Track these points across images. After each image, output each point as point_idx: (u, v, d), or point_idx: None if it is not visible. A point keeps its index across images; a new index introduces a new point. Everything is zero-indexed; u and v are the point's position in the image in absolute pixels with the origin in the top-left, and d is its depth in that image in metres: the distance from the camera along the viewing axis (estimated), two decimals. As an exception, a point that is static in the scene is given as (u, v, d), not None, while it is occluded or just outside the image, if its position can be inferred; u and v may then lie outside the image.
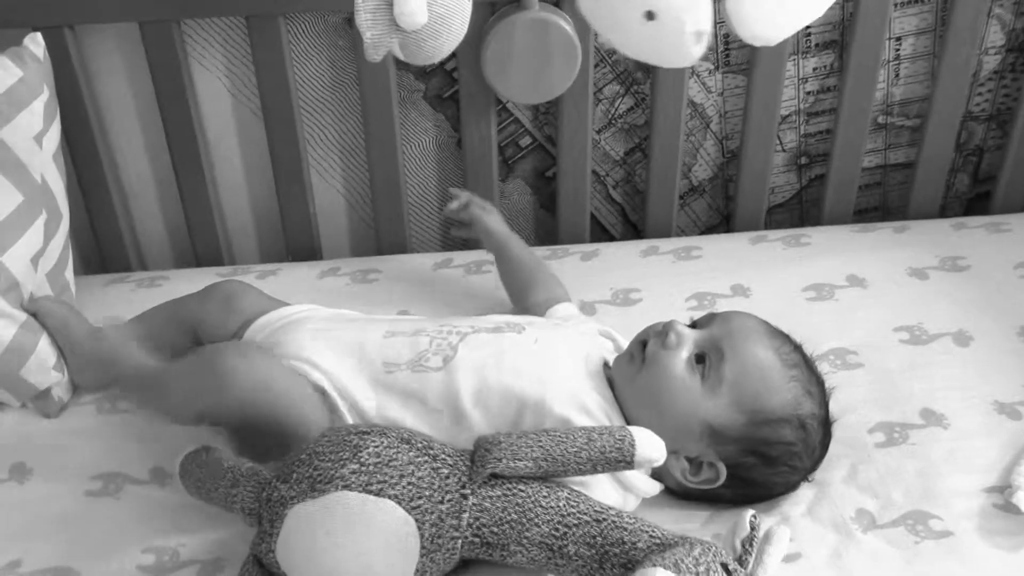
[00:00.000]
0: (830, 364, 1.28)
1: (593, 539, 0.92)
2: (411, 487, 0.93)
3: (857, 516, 1.09)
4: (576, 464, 0.96)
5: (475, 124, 1.50)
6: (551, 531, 0.93)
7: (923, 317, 1.36)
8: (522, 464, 0.95)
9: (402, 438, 0.98)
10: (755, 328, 1.11)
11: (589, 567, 0.92)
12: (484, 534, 0.94)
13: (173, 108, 1.46)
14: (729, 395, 1.05)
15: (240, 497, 0.98)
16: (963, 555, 1.05)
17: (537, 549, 0.93)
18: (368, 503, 0.92)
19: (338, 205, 1.62)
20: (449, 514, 0.94)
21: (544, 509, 0.94)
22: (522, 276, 1.36)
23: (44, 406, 1.24)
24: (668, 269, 1.49)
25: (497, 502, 0.94)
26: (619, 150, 1.61)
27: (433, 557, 0.94)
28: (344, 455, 0.95)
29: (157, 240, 1.62)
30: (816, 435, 1.08)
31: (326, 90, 1.52)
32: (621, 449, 0.96)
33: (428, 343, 1.12)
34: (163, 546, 1.07)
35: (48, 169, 1.26)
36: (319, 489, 0.94)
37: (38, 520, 1.10)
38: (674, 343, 1.08)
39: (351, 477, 0.93)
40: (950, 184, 1.67)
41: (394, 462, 0.95)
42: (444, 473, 0.95)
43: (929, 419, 1.20)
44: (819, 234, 1.56)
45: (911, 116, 1.61)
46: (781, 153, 1.62)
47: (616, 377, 1.12)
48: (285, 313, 1.24)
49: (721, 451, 1.06)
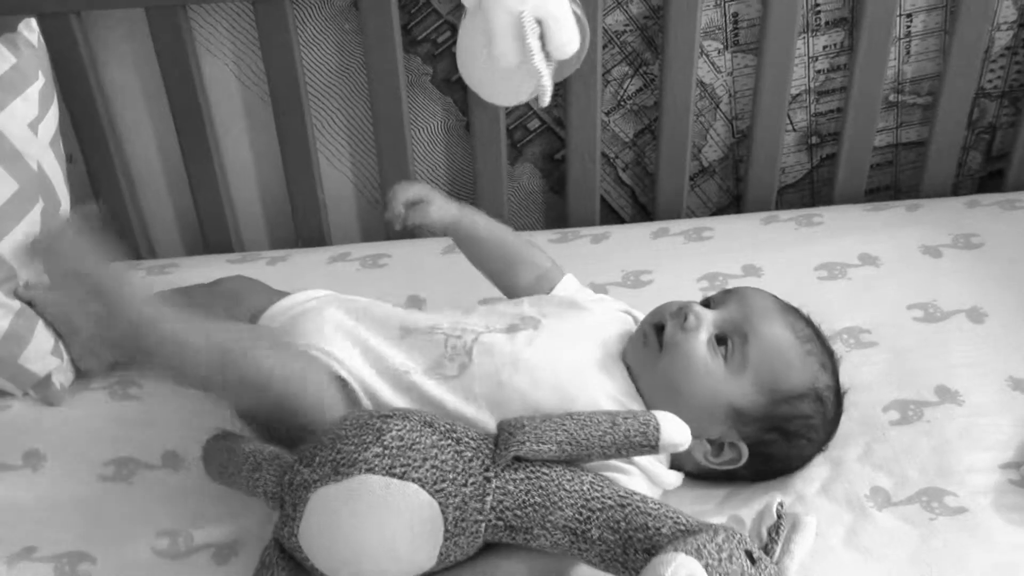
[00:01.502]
0: (843, 343, 1.27)
1: (617, 524, 0.91)
2: (434, 470, 0.93)
3: (872, 494, 1.09)
4: (600, 448, 0.95)
5: (483, 107, 1.50)
6: (575, 515, 0.92)
7: (937, 295, 1.35)
8: (546, 447, 0.94)
9: (424, 421, 0.97)
10: (771, 306, 1.10)
11: (612, 552, 0.91)
12: (507, 517, 0.93)
13: (180, 95, 1.46)
14: (752, 376, 1.05)
15: (262, 481, 0.98)
16: (979, 531, 1.04)
17: (560, 533, 0.93)
18: (392, 486, 0.92)
19: (347, 190, 1.61)
20: (472, 497, 0.93)
21: (568, 493, 0.93)
22: (496, 255, 1.26)
23: (46, 394, 1.23)
24: (679, 250, 1.48)
25: (521, 485, 0.94)
26: (628, 132, 1.60)
27: (457, 541, 0.93)
28: (367, 438, 0.94)
29: (166, 227, 1.62)
30: (831, 406, 1.08)
31: (333, 75, 1.52)
32: (646, 433, 0.95)
33: (444, 342, 1.09)
34: (177, 530, 1.07)
35: (45, 157, 1.25)
36: (342, 472, 0.93)
37: (53, 506, 1.10)
38: (694, 325, 1.07)
39: (374, 460, 0.93)
40: (962, 162, 1.66)
41: (417, 445, 0.94)
42: (467, 456, 0.95)
43: (944, 396, 1.20)
44: (831, 213, 1.55)
45: (923, 94, 1.60)
46: (792, 133, 1.61)
47: (632, 363, 1.10)
48: (297, 300, 1.22)
49: (743, 431, 1.05)
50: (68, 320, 1.25)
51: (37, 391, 1.23)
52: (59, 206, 1.29)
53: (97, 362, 1.26)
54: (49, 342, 1.23)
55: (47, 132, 1.27)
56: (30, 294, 1.23)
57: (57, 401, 1.24)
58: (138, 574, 1.03)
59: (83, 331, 1.25)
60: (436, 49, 1.51)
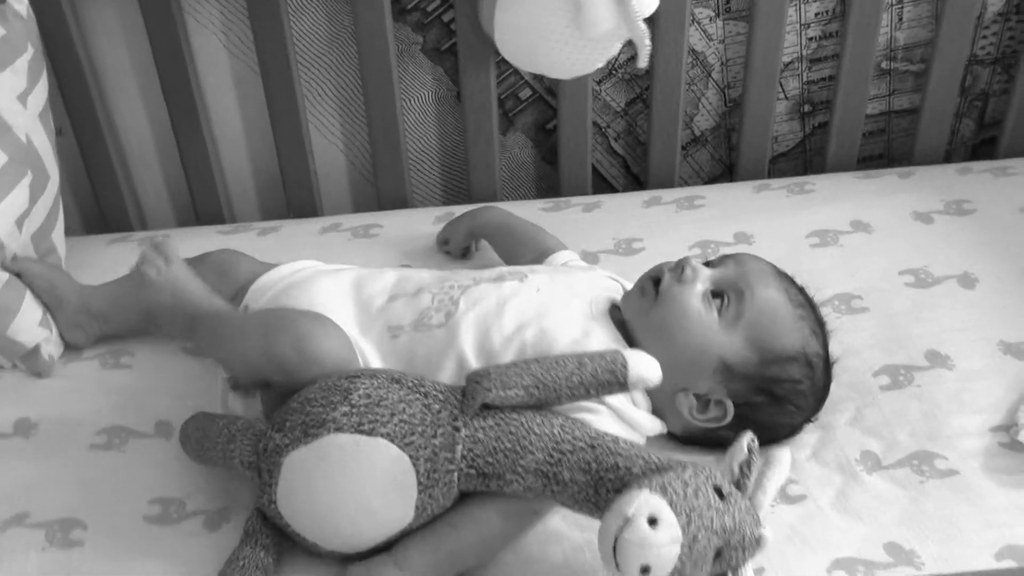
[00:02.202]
0: (835, 309, 1.27)
1: (588, 464, 0.91)
2: (403, 424, 0.93)
3: (862, 458, 1.09)
4: (568, 389, 0.95)
5: (474, 76, 1.49)
6: (545, 458, 0.92)
7: (928, 260, 1.35)
8: (512, 392, 0.94)
9: (392, 378, 0.98)
10: (767, 270, 1.12)
11: (584, 492, 0.91)
12: (479, 465, 0.94)
13: (170, 66, 1.45)
14: (744, 332, 1.06)
15: (238, 451, 0.98)
16: (969, 493, 1.05)
17: (533, 476, 0.93)
18: (360, 443, 0.93)
19: (338, 161, 1.61)
20: (443, 448, 0.94)
21: (538, 436, 0.93)
22: (512, 242, 1.35)
23: (34, 365, 1.23)
24: (671, 218, 1.48)
25: (490, 432, 0.94)
26: (620, 101, 1.59)
27: (431, 492, 0.94)
28: (335, 398, 0.95)
29: (157, 199, 1.62)
30: (820, 374, 1.09)
31: (323, 45, 1.51)
32: (613, 371, 0.95)
33: (430, 300, 1.11)
34: (169, 497, 1.07)
35: (34, 129, 1.24)
36: (312, 434, 0.94)
37: (44, 474, 1.11)
38: (690, 277, 1.08)
39: (342, 419, 0.93)
40: (955, 130, 1.65)
41: (384, 401, 0.95)
42: (435, 408, 0.95)
43: (934, 361, 1.20)
44: (823, 181, 1.54)
45: (915, 61, 1.59)
46: (784, 101, 1.60)
47: (626, 312, 1.11)
48: (284, 273, 1.23)
49: (731, 388, 1.06)
50: (54, 292, 1.25)
51: (25, 362, 1.23)
52: (48, 179, 1.28)
53: (83, 335, 1.26)
54: (37, 314, 1.23)
55: (36, 104, 1.26)
56: (18, 266, 1.22)
57: (46, 372, 1.23)
58: (129, 541, 1.03)
59: (69, 304, 1.25)
60: (426, 18, 1.50)
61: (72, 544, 1.03)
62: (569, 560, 0.99)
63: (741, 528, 0.86)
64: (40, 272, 1.24)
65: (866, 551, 0.99)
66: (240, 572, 0.94)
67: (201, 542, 1.02)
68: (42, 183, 1.26)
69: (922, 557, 0.99)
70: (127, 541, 1.03)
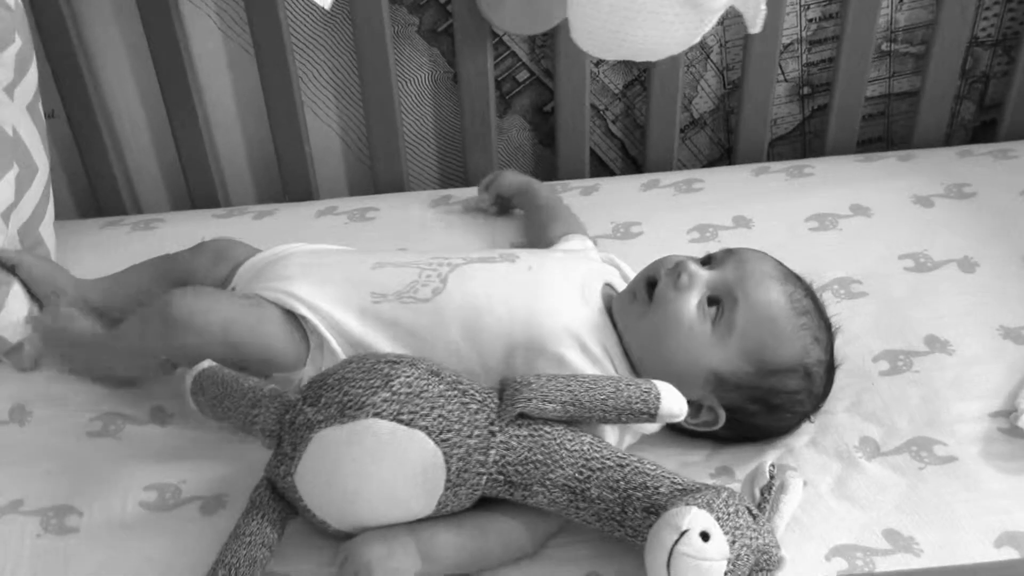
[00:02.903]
0: (834, 294, 1.27)
1: (616, 483, 0.93)
2: (441, 419, 0.93)
3: (861, 444, 1.09)
4: (602, 411, 0.96)
5: (471, 58, 1.48)
6: (575, 474, 0.94)
7: (928, 244, 1.34)
8: (551, 406, 0.95)
9: (431, 370, 0.97)
10: (769, 272, 1.07)
11: (611, 510, 0.93)
12: (508, 472, 0.94)
13: (163, 48, 1.43)
14: (738, 344, 1.03)
15: (261, 418, 0.97)
16: (968, 479, 1.04)
17: (559, 491, 0.94)
18: (399, 432, 0.92)
19: (334, 144, 1.60)
20: (477, 449, 0.94)
21: (569, 452, 0.94)
22: (545, 216, 1.36)
23: (17, 360, 1.21)
24: (669, 202, 1.47)
25: (524, 441, 0.95)
26: (618, 83, 1.58)
27: (457, 491, 0.94)
28: (375, 383, 0.94)
29: (152, 183, 1.61)
30: (820, 382, 1.07)
31: (318, 25, 1.49)
32: (647, 401, 0.97)
33: (418, 274, 1.10)
34: (165, 483, 1.07)
35: (21, 121, 1.22)
36: (349, 415, 0.93)
37: (39, 460, 1.10)
38: (686, 284, 1.05)
39: (382, 405, 0.93)
40: (955, 112, 1.64)
41: (425, 393, 0.94)
42: (473, 408, 0.95)
43: (934, 346, 1.19)
44: (822, 165, 1.53)
45: (915, 43, 1.58)
46: (783, 83, 1.59)
47: (617, 315, 1.09)
48: (271, 252, 1.22)
49: (723, 397, 1.04)
50: (50, 284, 1.23)
51: (9, 358, 1.21)
52: (36, 171, 1.25)
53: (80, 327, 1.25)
54: (23, 310, 1.21)
55: (24, 96, 1.24)
56: (15, 258, 1.21)
57: (29, 367, 1.21)
58: (125, 527, 1.02)
59: (65, 295, 1.23)
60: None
61: (67, 531, 1.02)
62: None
63: (770, 550, 0.89)
64: (36, 265, 1.23)
65: (865, 538, 0.99)
66: (246, 548, 0.94)
67: (197, 527, 1.02)
68: (29, 176, 1.24)
69: (921, 544, 0.98)
70: (123, 527, 1.02)
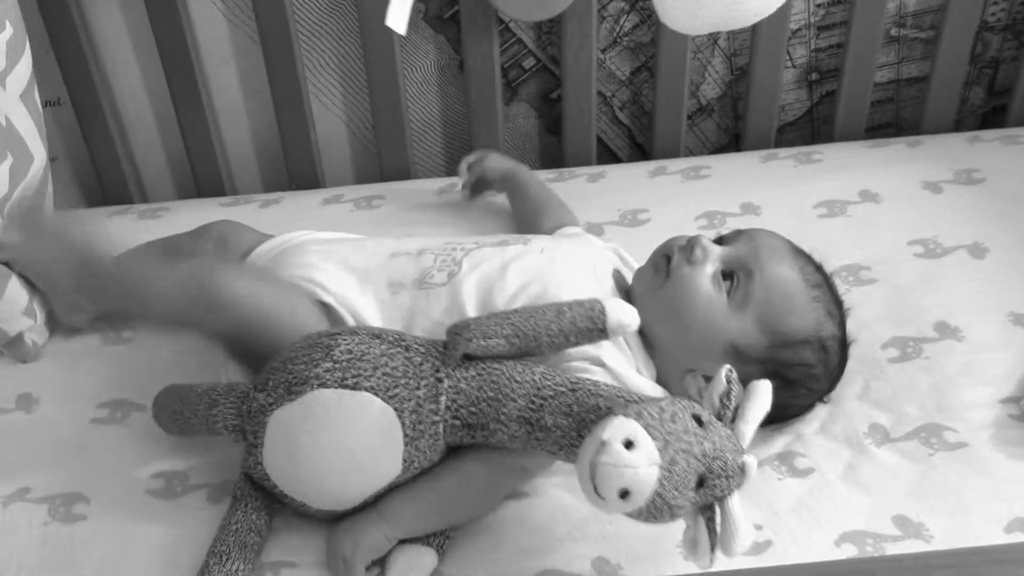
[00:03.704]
0: (843, 280, 1.26)
1: (569, 407, 0.91)
2: (386, 377, 0.93)
3: (871, 431, 1.08)
4: (548, 337, 0.95)
5: (477, 45, 1.47)
6: (527, 404, 0.92)
7: (938, 230, 1.33)
8: (493, 342, 0.94)
9: (373, 334, 0.98)
10: (781, 247, 1.08)
11: (568, 436, 0.90)
12: (463, 415, 0.94)
13: (168, 35, 1.43)
14: (754, 314, 1.03)
15: (221, 415, 0.98)
16: (978, 466, 1.04)
17: (516, 425, 0.93)
18: (344, 397, 0.93)
19: (340, 132, 1.59)
20: (427, 399, 0.94)
21: (519, 384, 0.93)
22: (534, 206, 1.34)
23: (18, 352, 1.21)
24: (677, 189, 1.46)
25: (472, 382, 0.94)
26: (625, 70, 1.57)
27: (417, 445, 0.94)
28: (317, 355, 0.95)
29: (158, 171, 1.60)
30: (835, 357, 1.07)
31: (324, 12, 1.49)
32: (592, 318, 0.95)
33: (432, 260, 1.11)
34: (172, 471, 1.07)
35: (15, 110, 1.21)
36: (295, 391, 0.94)
37: (46, 448, 1.10)
38: (700, 258, 1.06)
39: (325, 375, 0.93)
40: (965, 98, 1.63)
41: (367, 356, 0.95)
42: (417, 361, 0.95)
43: (944, 332, 1.19)
44: (831, 151, 1.52)
45: (925, 28, 1.57)
46: (791, 69, 1.58)
47: (637, 288, 1.10)
48: (282, 239, 1.22)
49: (741, 371, 1.03)
50: (48, 275, 1.22)
51: (8, 349, 1.21)
52: (31, 161, 1.23)
53: (82, 316, 1.25)
54: (22, 302, 1.20)
55: (17, 85, 1.22)
56: (7, 253, 1.20)
57: (30, 359, 1.21)
58: (132, 514, 1.03)
59: (64, 286, 1.23)
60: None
61: (75, 518, 1.02)
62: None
63: (722, 455, 0.84)
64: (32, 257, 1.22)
65: (874, 524, 0.99)
66: (234, 536, 0.94)
67: (204, 515, 1.02)
68: (24, 166, 1.22)
69: (931, 530, 0.98)
70: (130, 515, 1.03)
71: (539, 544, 0.98)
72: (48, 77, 1.45)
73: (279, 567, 0.97)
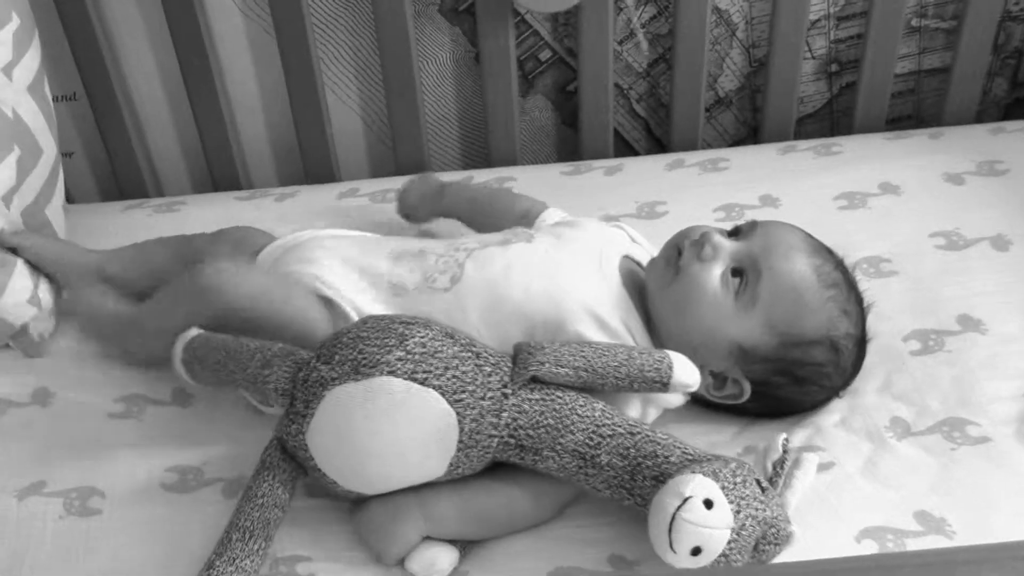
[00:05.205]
0: (863, 272, 1.24)
1: (627, 450, 0.92)
2: (455, 380, 0.93)
3: (892, 424, 1.07)
4: (615, 378, 0.96)
5: (493, 37, 1.46)
6: (586, 439, 0.93)
7: (960, 222, 1.32)
8: (564, 371, 0.95)
9: (446, 332, 0.97)
10: (796, 244, 1.05)
11: (620, 478, 0.92)
12: (520, 436, 0.94)
13: (184, 29, 1.43)
14: (762, 315, 1.02)
15: (274, 377, 0.97)
16: (1002, 461, 1.02)
17: (570, 456, 0.94)
18: (412, 391, 0.92)
19: (355, 125, 1.59)
20: (490, 411, 0.93)
21: (580, 417, 0.94)
22: (483, 217, 1.27)
23: (25, 345, 1.20)
24: (694, 181, 1.45)
25: (536, 405, 0.95)
26: (642, 62, 1.56)
27: (468, 453, 0.94)
28: (390, 341, 0.94)
29: (173, 165, 1.60)
30: (849, 356, 1.05)
31: (339, 5, 1.48)
32: (659, 370, 0.97)
33: (435, 261, 1.10)
34: (187, 465, 1.06)
35: (22, 102, 1.21)
36: (363, 372, 0.93)
37: (61, 442, 1.10)
38: (709, 255, 1.04)
39: (397, 364, 0.93)
40: (987, 89, 1.61)
41: (440, 353, 0.94)
42: (487, 371, 0.95)
43: (966, 325, 1.17)
44: (851, 143, 1.51)
45: (946, 18, 1.55)
46: (810, 60, 1.57)
47: (649, 280, 1.09)
48: (291, 238, 1.21)
49: (748, 370, 1.03)
50: (62, 263, 1.23)
51: (15, 342, 1.20)
52: (40, 154, 1.24)
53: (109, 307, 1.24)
54: (26, 292, 1.19)
55: (24, 76, 1.22)
56: (15, 240, 1.20)
57: (37, 353, 1.20)
58: (147, 509, 1.02)
59: (80, 272, 1.23)
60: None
61: (90, 512, 1.02)
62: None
63: (777, 523, 0.88)
64: (43, 244, 1.23)
65: (895, 519, 0.97)
66: (259, 511, 0.94)
67: (219, 510, 1.01)
68: (33, 158, 1.22)
69: (953, 526, 0.96)
70: (145, 509, 1.02)
71: (555, 541, 0.97)
72: (63, 72, 1.46)
73: (294, 562, 0.96)
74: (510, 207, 1.27)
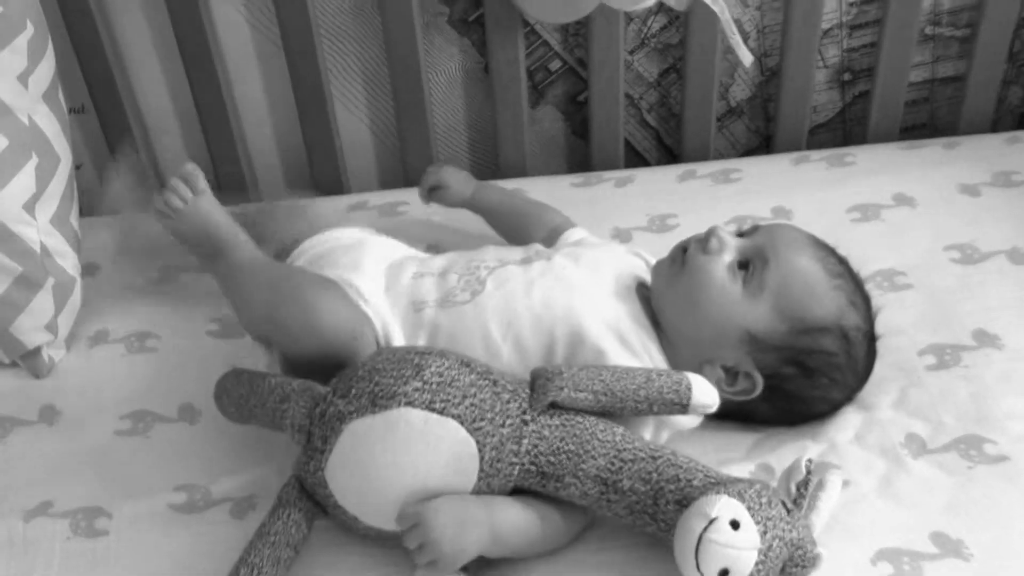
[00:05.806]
0: (877, 286, 1.23)
1: (648, 475, 0.92)
2: (473, 408, 0.93)
3: (907, 441, 1.06)
4: (634, 401, 0.96)
5: (502, 48, 1.45)
6: (607, 464, 0.93)
7: (975, 235, 1.30)
8: (583, 396, 0.95)
9: (461, 361, 0.97)
10: (800, 238, 1.08)
11: (642, 503, 0.92)
12: (541, 463, 0.93)
13: (191, 41, 1.42)
14: (770, 302, 1.03)
15: (291, 412, 0.96)
16: (1020, 480, 1.01)
17: (591, 482, 0.93)
18: (431, 421, 0.92)
19: (364, 136, 1.58)
20: (509, 439, 0.93)
21: (601, 442, 0.94)
22: (511, 223, 1.30)
23: (33, 365, 1.20)
24: (706, 192, 1.44)
25: (556, 431, 0.94)
26: (653, 71, 1.55)
27: (490, 482, 0.93)
28: (406, 372, 0.94)
29: (182, 178, 1.60)
30: (860, 348, 1.05)
31: (347, 16, 1.48)
32: (678, 392, 0.97)
33: (456, 280, 1.10)
34: (195, 484, 1.06)
35: (38, 110, 1.20)
36: (380, 404, 0.92)
37: (68, 461, 1.10)
38: (715, 248, 1.06)
39: (414, 394, 0.92)
40: (1002, 97, 1.59)
41: (456, 383, 0.94)
42: (505, 398, 0.94)
43: (982, 340, 1.16)
44: (864, 153, 1.49)
45: (960, 25, 1.53)
46: (823, 69, 1.55)
47: (655, 280, 1.10)
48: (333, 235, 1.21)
49: (759, 360, 1.03)
50: None
51: (24, 361, 1.20)
52: (58, 161, 1.24)
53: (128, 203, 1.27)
54: (46, 316, 1.19)
55: (39, 85, 1.21)
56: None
57: (42, 374, 1.20)
58: (155, 529, 1.02)
59: None
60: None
61: (97, 533, 1.02)
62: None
63: (804, 544, 0.87)
64: None
65: (912, 541, 0.96)
66: (270, 549, 0.93)
67: (228, 530, 1.01)
68: (51, 166, 1.22)
69: (971, 547, 0.95)
70: (152, 530, 1.02)
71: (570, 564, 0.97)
72: (72, 84, 1.45)
73: (307, 584, 0.96)
74: (540, 218, 1.28)
